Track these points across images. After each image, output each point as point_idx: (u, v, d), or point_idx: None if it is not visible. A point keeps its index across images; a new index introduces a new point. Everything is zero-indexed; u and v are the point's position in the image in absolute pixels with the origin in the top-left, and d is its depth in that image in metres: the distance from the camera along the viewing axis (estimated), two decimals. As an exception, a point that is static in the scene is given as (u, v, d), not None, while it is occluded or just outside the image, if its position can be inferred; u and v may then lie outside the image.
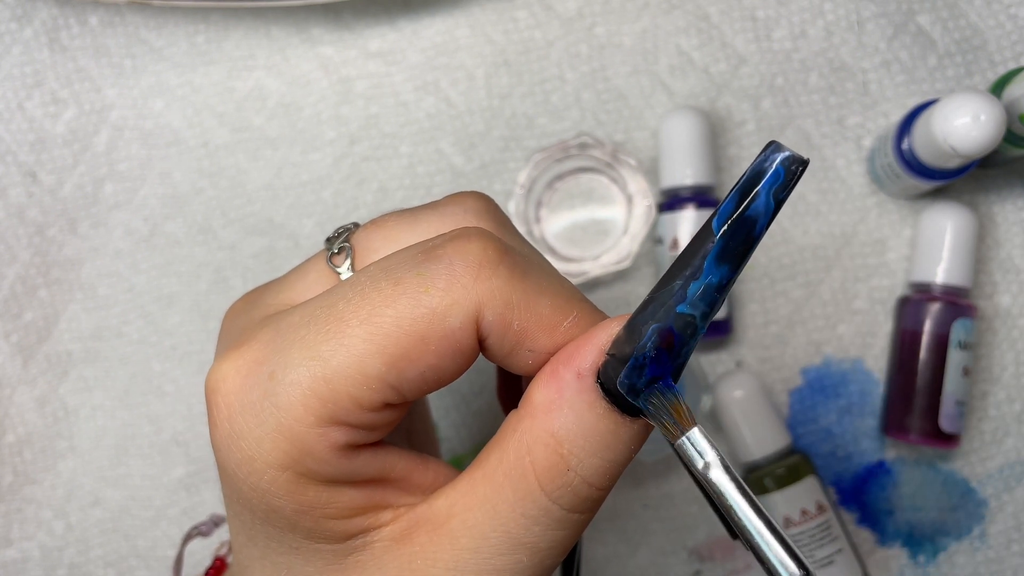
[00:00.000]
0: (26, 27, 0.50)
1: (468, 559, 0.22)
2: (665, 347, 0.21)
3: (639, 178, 0.47)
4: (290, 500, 0.22)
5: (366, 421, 0.22)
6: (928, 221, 0.46)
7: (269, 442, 0.22)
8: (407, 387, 0.22)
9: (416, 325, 0.21)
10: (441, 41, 0.49)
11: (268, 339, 0.23)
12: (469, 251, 0.22)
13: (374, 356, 0.21)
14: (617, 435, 0.22)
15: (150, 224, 0.50)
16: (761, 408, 0.46)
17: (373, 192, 0.49)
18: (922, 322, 0.45)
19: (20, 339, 0.50)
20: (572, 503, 0.22)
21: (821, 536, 0.45)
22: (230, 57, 0.50)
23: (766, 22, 0.48)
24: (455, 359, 0.22)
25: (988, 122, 0.39)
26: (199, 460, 0.50)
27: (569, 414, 0.21)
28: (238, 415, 0.22)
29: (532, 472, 0.22)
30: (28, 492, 0.50)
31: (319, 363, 0.21)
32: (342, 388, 0.21)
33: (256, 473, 0.22)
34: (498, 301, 0.22)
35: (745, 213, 0.20)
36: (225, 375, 0.23)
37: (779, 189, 0.20)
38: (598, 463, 0.22)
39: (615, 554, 0.48)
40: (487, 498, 0.22)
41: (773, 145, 0.20)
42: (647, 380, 0.21)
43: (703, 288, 0.20)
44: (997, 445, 0.47)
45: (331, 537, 0.23)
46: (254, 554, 0.24)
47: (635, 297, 0.49)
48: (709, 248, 0.20)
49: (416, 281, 0.21)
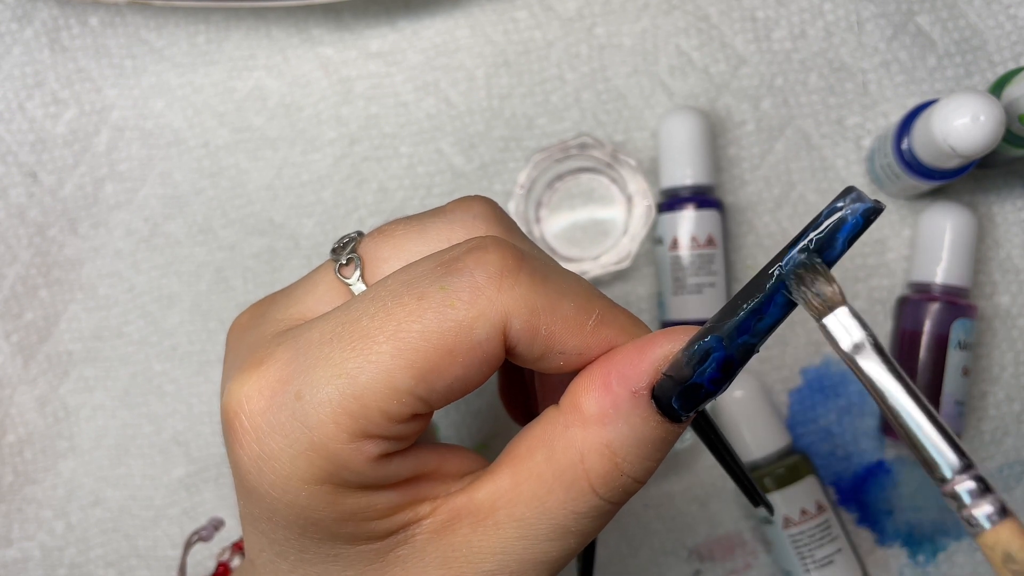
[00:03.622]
0: (26, 27, 0.50)
1: (515, 544, 0.23)
2: (724, 373, 0.22)
3: (639, 178, 0.47)
4: (331, 511, 0.23)
5: (397, 432, 0.22)
6: (928, 221, 0.46)
7: (304, 461, 0.22)
8: (436, 398, 0.22)
9: (444, 339, 0.21)
10: (441, 41, 0.49)
11: (289, 358, 0.23)
12: (489, 262, 0.22)
13: (403, 371, 0.21)
14: (667, 440, 0.23)
15: (150, 224, 0.50)
16: (761, 408, 0.46)
17: (373, 192, 0.49)
18: (921, 322, 0.45)
19: (21, 339, 0.50)
20: (620, 497, 0.24)
21: (821, 536, 0.45)
22: (230, 57, 0.50)
23: (766, 22, 0.49)
24: (482, 369, 0.22)
25: (987, 122, 0.39)
26: (199, 460, 0.50)
27: (624, 428, 0.23)
28: (267, 437, 0.22)
29: (586, 477, 0.23)
30: (28, 492, 0.50)
31: (347, 381, 0.21)
32: (372, 404, 0.21)
33: (293, 491, 0.22)
34: (523, 309, 0.22)
35: (823, 254, 0.21)
36: (248, 395, 0.23)
37: (853, 237, 0.20)
38: (650, 465, 0.23)
39: (616, 554, 0.48)
40: (536, 495, 0.23)
41: (854, 193, 0.20)
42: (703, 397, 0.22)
43: (766, 323, 0.22)
44: (997, 445, 0.47)
45: (374, 537, 0.24)
46: (283, 568, 0.24)
47: (635, 297, 0.49)
48: (777, 285, 0.21)
49: (440, 295, 0.22)
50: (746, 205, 0.48)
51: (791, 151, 0.48)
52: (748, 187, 0.48)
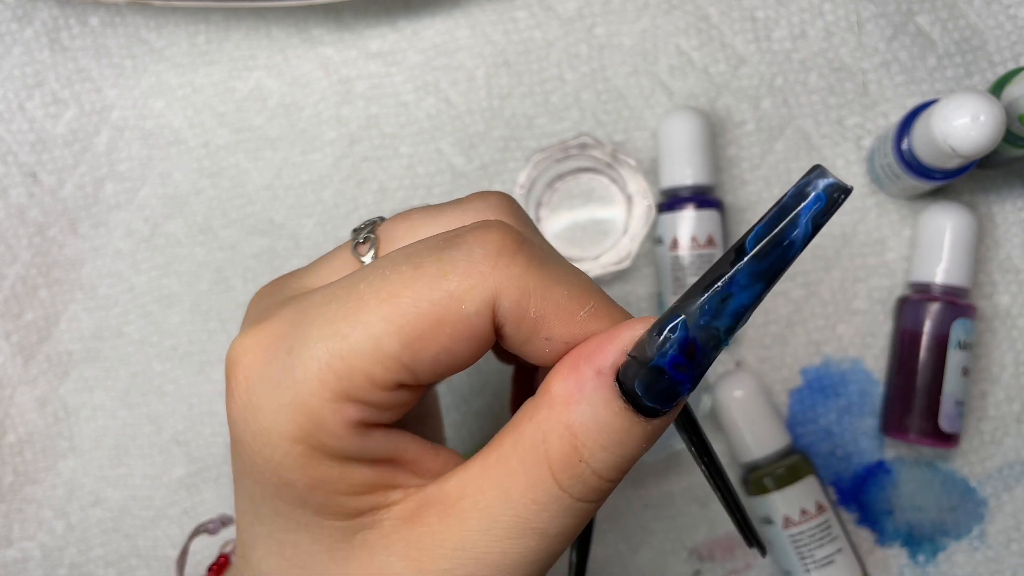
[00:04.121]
0: (27, 27, 0.50)
1: (477, 540, 0.23)
2: (686, 356, 0.21)
3: (639, 178, 0.47)
4: (303, 474, 0.23)
5: (379, 400, 0.23)
6: (928, 221, 0.46)
7: (285, 415, 0.22)
8: (421, 369, 0.22)
9: (433, 308, 0.22)
10: (441, 41, 0.49)
11: (290, 317, 0.23)
12: (489, 240, 0.22)
13: (391, 336, 0.22)
14: (630, 432, 0.22)
15: (151, 224, 0.50)
16: (761, 408, 0.46)
17: (373, 192, 0.49)
18: (922, 322, 0.45)
19: (21, 339, 0.50)
20: (582, 492, 0.22)
21: (821, 536, 0.45)
22: (231, 57, 0.50)
23: (766, 22, 0.48)
24: (469, 344, 0.23)
25: (987, 122, 0.39)
26: (199, 460, 0.50)
27: (586, 409, 0.22)
28: (256, 387, 0.23)
29: (546, 460, 0.22)
30: (29, 492, 0.50)
31: (337, 340, 0.22)
32: (358, 365, 0.22)
33: (271, 445, 0.23)
34: (515, 288, 0.22)
35: (781, 236, 0.20)
36: (246, 348, 0.23)
37: (819, 215, 0.20)
38: (609, 457, 0.22)
39: (616, 554, 0.48)
40: (500, 482, 0.23)
41: (818, 170, 0.20)
42: (665, 386, 0.21)
43: (730, 304, 0.21)
44: (996, 445, 0.47)
45: (341, 513, 0.24)
46: (260, 532, 0.25)
47: (635, 297, 0.49)
48: (741, 266, 0.20)
49: (436, 266, 0.22)
50: (746, 205, 0.48)
51: (791, 151, 0.48)
52: (748, 187, 0.48)
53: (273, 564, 0.24)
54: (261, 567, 0.25)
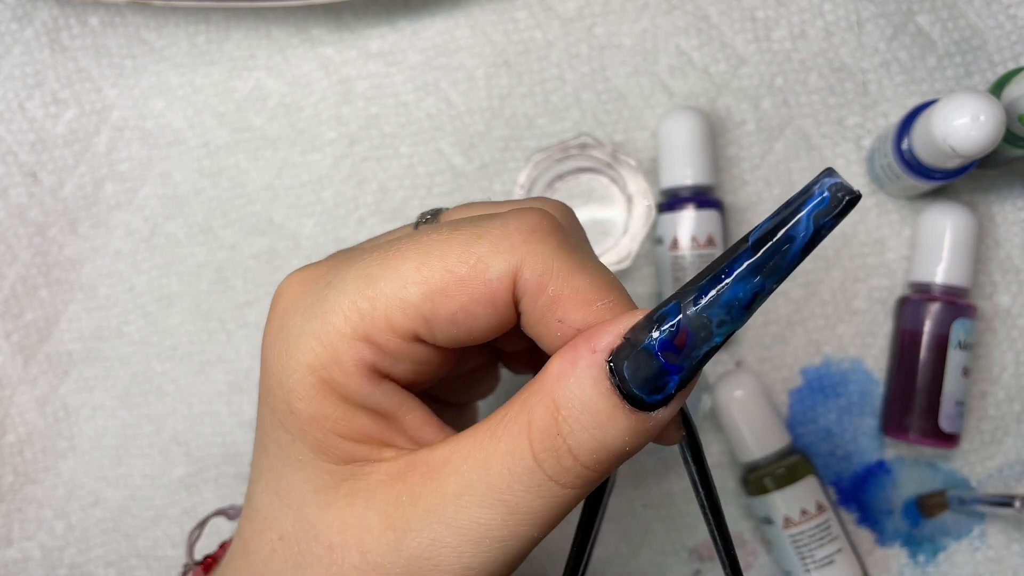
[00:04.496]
0: (27, 27, 0.50)
1: (448, 504, 0.23)
2: (677, 344, 0.21)
3: (639, 178, 0.47)
4: (308, 404, 0.24)
5: (395, 348, 0.24)
6: (928, 221, 0.46)
7: (306, 341, 0.24)
8: (438, 324, 0.23)
9: (460, 267, 0.23)
10: (441, 41, 0.49)
11: (336, 259, 0.25)
12: (526, 218, 0.24)
13: (416, 285, 0.23)
14: (613, 417, 0.22)
15: (150, 224, 0.50)
16: (761, 408, 0.46)
17: (373, 192, 0.49)
18: (922, 322, 0.45)
19: (21, 339, 0.50)
20: (555, 471, 0.22)
21: (821, 536, 0.45)
22: (231, 57, 0.50)
23: (766, 22, 0.49)
24: (486, 308, 0.23)
25: (987, 122, 0.39)
26: (199, 460, 0.50)
27: (574, 384, 0.22)
28: (291, 314, 0.24)
29: (527, 431, 0.22)
30: (29, 492, 0.50)
31: (367, 281, 0.23)
32: (380, 307, 0.23)
33: (287, 369, 0.24)
34: (538, 264, 0.23)
35: (781, 229, 0.20)
36: (292, 281, 0.25)
37: (821, 213, 0.19)
38: (587, 439, 0.22)
39: (616, 554, 0.48)
40: (482, 449, 0.23)
41: (827, 171, 0.20)
42: (653, 373, 0.21)
43: (723, 295, 0.20)
44: (997, 445, 0.47)
45: (333, 456, 0.24)
46: (263, 464, 0.26)
47: (635, 297, 0.49)
48: (737, 256, 0.20)
49: (471, 232, 0.23)
50: (746, 205, 0.48)
51: (791, 151, 0.48)
52: (748, 187, 0.48)
53: (267, 500, 0.25)
54: (257, 502, 0.26)
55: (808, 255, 0.20)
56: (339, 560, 0.24)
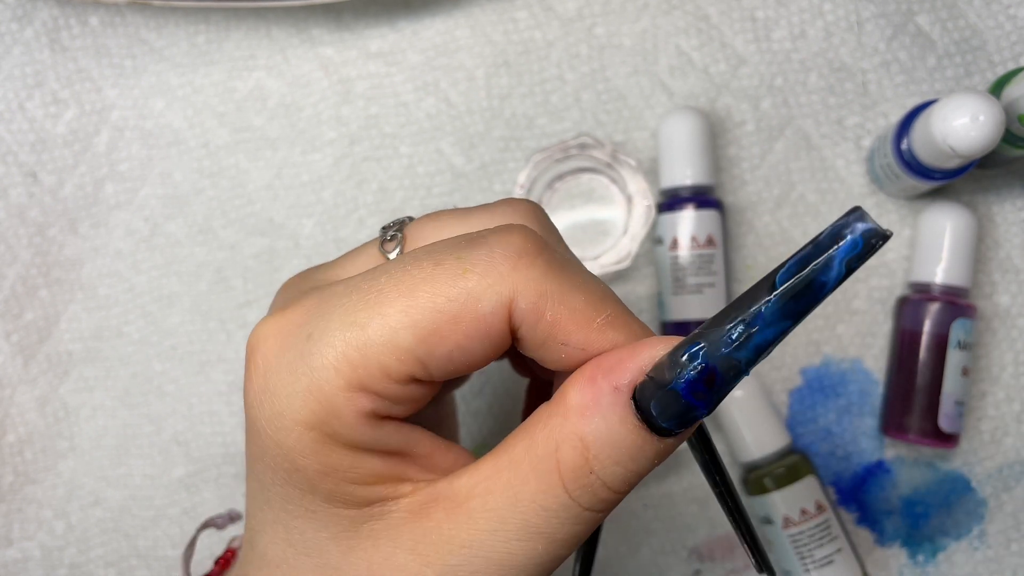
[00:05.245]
0: (27, 27, 0.50)
1: (485, 539, 0.23)
2: (705, 384, 0.21)
3: (639, 178, 0.47)
4: (314, 460, 0.23)
5: (393, 392, 0.23)
6: (927, 221, 0.46)
7: (299, 400, 0.23)
8: (435, 364, 0.23)
9: (451, 305, 0.22)
10: (441, 41, 0.49)
11: (311, 305, 0.24)
12: (510, 241, 0.23)
13: (407, 329, 0.22)
14: (642, 450, 0.22)
15: (150, 224, 0.50)
16: (761, 408, 0.46)
17: (373, 192, 0.49)
18: (921, 322, 0.45)
19: (21, 339, 0.50)
20: (590, 502, 0.23)
21: (820, 536, 0.45)
22: (231, 57, 0.50)
23: (766, 22, 0.49)
24: (483, 343, 0.23)
25: (987, 122, 0.39)
26: (199, 460, 0.50)
27: (600, 423, 0.22)
28: (273, 372, 0.23)
29: (557, 469, 0.22)
30: (29, 492, 0.50)
31: (355, 329, 0.22)
32: (373, 356, 0.22)
33: (284, 430, 0.23)
34: (532, 290, 0.22)
35: (813, 276, 0.20)
36: (267, 334, 0.24)
37: (854, 259, 0.19)
38: (620, 471, 0.23)
39: (616, 554, 0.48)
40: (510, 485, 0.23)
41: (857, 213, 0.19)
42: (682, 410, 0.22)
43: (754, 339, 0.20)
44: (996, 445, 0.48)
45: (350, 502, 0.24)
46: (268, 518, 0.25)
47: (635, 297, 0.49)
48: (770, 302, 0.20)
49: (456, 264, 0.22)
50: (746, 205, 0.48)
51: (791, 151, 0.48)
52: (748, 187, 0.48)
53: (279, 550, 0.25)
54: (267, 553, 0.25)
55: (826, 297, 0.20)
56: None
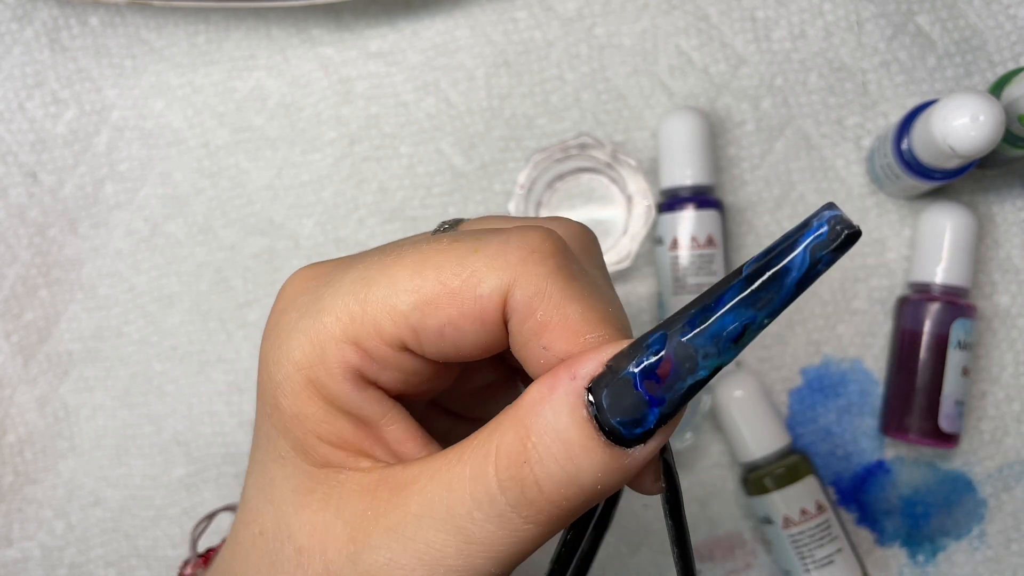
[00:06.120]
0: (27, 27, 0.50)
1: (408, 524, 0.22)
2: (660, 374, 0.20)
3: (639, 178, 0.47)
4: (292, 401, 0.24)
5: (381, 355, 0.23)
6: (927, 221, 0.46)
7: (297, 339, 0.23)
8: (425, 336, 0.23)
9: (453, 279, 0.22)
10: (441, 41, 0.49)
11: (342, 260, 0.25)
12: (529, 237, 0.23)
13: (408, 293, 0.23)
14: (587, 450, 0.21)
15: (150, 224, 0.50)
16: (761, 408, 0.46)
17: (373, 192, 0.49)
18: (921, 322, 0.45)
19: (21, 339, 0.50)
20: (517, 501, 0.21)
21: (820, 536, 0.45)
22: (231, 57, 0.50)
23: (766, 22, 0.49)
24: (474, 324, 0.23)
25: (987, 122, 0.39)
26: (199, 460, 0.50)
27: (549, 411, 0.21)
28: (288, 310, 0.24)
29: (494, 455, 0.22)
30: (29, 492, 0.50)
31: (362, 284, 0.23)
32: (371, 312, 0.23)
33: (276, 364, 0.24)
34: (531, 285, 0.22)
35: (775, 260, 0.19)
36: (296, 278, 0.25)
37: (818, 246, 0.19)
38: (556, 471, 0.21)
39: (615, 554, 0.48)
40: (448, 471, 0.22)
41: (827, 204, 0.19)
42: (632, 404, 0.20)
43: (712, 326, 0.20)
44: (996, 445, 0.47)
45: (313, 457, 0.24)
46: (255, 457, 0.26)
47: (635, 297, 0.49)
48: (730, 286, 0.19)
49: (471, 244, 0.23)
50: (746, 205, 0.48)
51: (791, 151, 0.48)
52: (748, 187, 0.48)
53: (253, 494, 0.25)
54: (247, 494, 0.26)
55: (804, 291, 0.19)
56: (304, 564, 0.23)
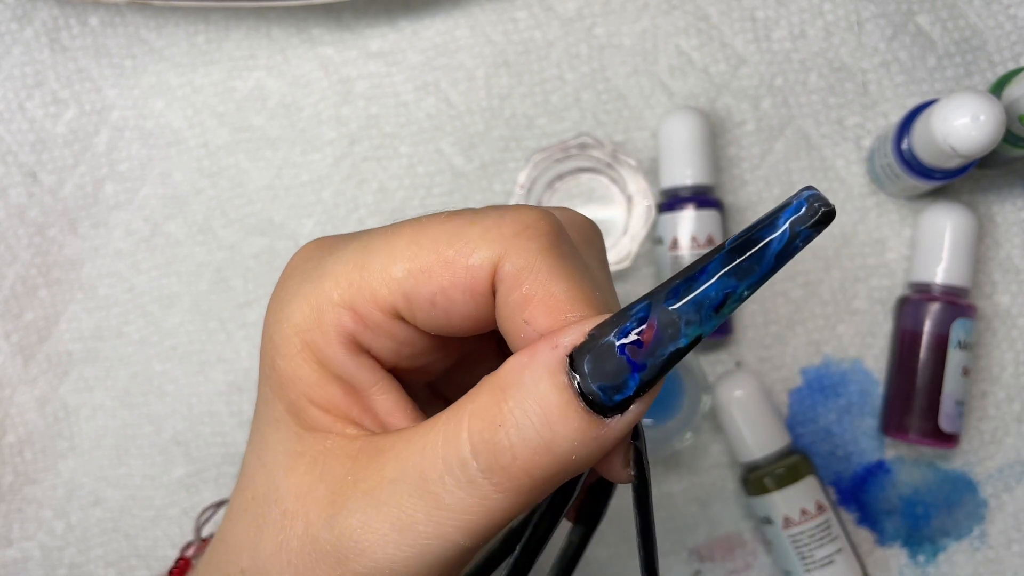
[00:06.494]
0: (27, 27, 0.50)
1: (383, 489, 0.22)
2: (643, 340, 0.21)
3: (639, 178, 0.47)
4: (288, 363, 0.24)
5: (375, 321, 0.24)
6: (928, 221, 0.46)
7: (296, 302, 0.24)
8: (417, 304, 0.23)
9: (447, 249, 0.23)
10: (441, 41, 0.49)
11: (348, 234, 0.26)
12: (524, 213, 0.23)
13: (403, 260, 0.23)
14: (564, 415, 0.21)
15: (150, 224, 0.50)
16: (761, 408, 0.46)
17: (373, 192, 0.49)
18: (922, 322, 0.45)
19: (21, 339, 0.50)
20: (489, 465, 0.21)
21: (821, 536, 0.45)
22: (230, 57, 0.50)
23: (766, 22, 0.49)
24: (464, 295, 0.23)
25: (988, 122, 0.39)
26: (199, 460, 0.50)
27: (528, 376, 0.21)
28: (294, 276, 0.25)
29: (467, 415, 0.22)
30: (28, 492, 0.50)
31: (363, 251, 0.24)
32: (368, 279, 0.23)
33: (277, 324, 0.25)
34: (520, 258, 0.22)
35: (757, 231, 0.20)
36: (305, 247, 0.26)
37: (797, 220, 0.20)
38: (531, 436, 0.21)
39: (615, 554, 0.48)
40: (424, 436, 0.22)
41: (807, 186, 0.20)
42: (614, 368, 0.21)
43: (695, 294, 0.20)
44: (997, 445, 0.47)
45: (302, 421, 0.25)
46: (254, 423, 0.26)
47: (635, 297, 0.49)
48: (713, 257, 0.20)
49: (468, 217, 0.23)
50: (746, 205, 0.48)
51: (791, 151, 0.48)
52: (748, 187, 0.48)
53: (249, 458, 0.26)
54: (245, 460, 0.26)
55: (783, 264, 0.20)
56: (287, 527, 0.23)
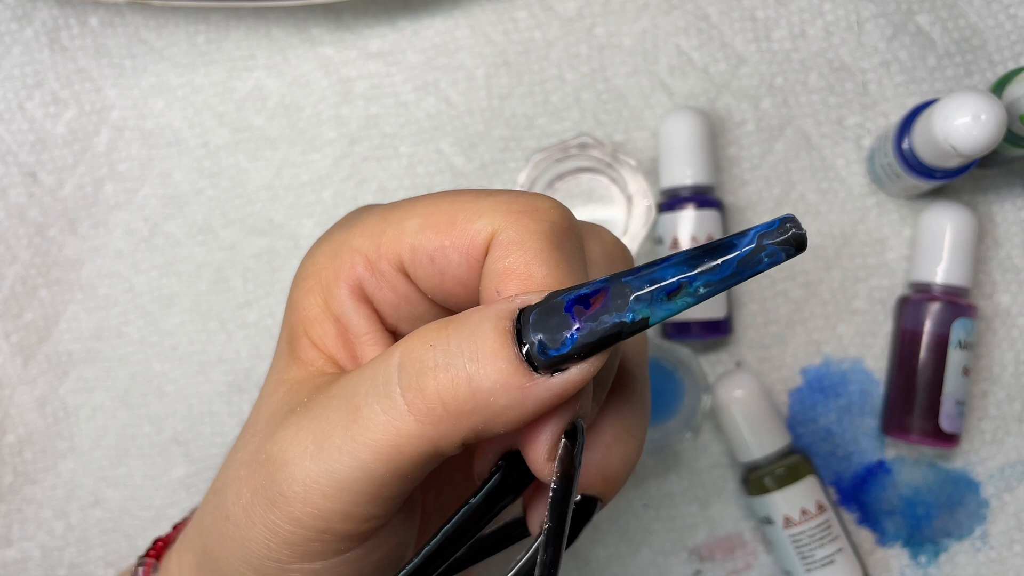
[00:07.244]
0: (26, 27, 0.50)
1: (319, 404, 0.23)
2: (591, 301, 0.21)
3: (639, 178, 0.47)
4: (299, 295, 0.26)
5: (380, 268, 0.25)
6: (928, 221, 0.46)
7: (325, 245, 0.26)
8: (419, 258, 0.25)
9: (456, 212, 0.24)
10: (441, 41, 0.49)
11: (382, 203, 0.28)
12: (539, 200, 0.24)
13: (418, 216, 0.25)
14: (494, 355, 0.21)
15: (150, 224, 0.50)
16: (761, 408, 0.46)
17: (373, 192, 0.49)
18: (922, 322, 0.45)
19: (20, 339, 0.50)
20: (409, 383, 0.22)
21: (821, 536, 0.45)
22: (230, 57, 0.50)
23: (766, 22, 0.49)
24: (460, 256, 0.24)
25: (989, 121, 0.39)
26: (199, 460, 0.50)
27: (474, 315, 0.22)
28: (339, 223, 0.27)
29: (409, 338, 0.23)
30: (28, 492, 0.50)
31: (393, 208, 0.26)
32: (384, 229, 0.25)
33: (305, 259, 0.27)
34: (516, 234, 0.23)
35: (729, 237, 0.21)
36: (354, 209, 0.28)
37: (766, 235, 0.21)
38: (457, 364, 0.21)
39: (616, 554, 0.48)
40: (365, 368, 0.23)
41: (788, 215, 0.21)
42: (555, 321, 0.21)
43: (652, 273, 0.21)
44: (997, 445, 0.47)
45: (294, 350, 0.26)
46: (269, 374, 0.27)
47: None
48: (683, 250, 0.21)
49: (488, 192, 0.25)
50: (746, 205, 0.48)
51: (791, 151, 0.48)
52: (748, 187, 0.48)
53: (262, 397, 0.27)
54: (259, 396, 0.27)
55: (746, 274, 0.21)
56: (248, 444, 0.26)
